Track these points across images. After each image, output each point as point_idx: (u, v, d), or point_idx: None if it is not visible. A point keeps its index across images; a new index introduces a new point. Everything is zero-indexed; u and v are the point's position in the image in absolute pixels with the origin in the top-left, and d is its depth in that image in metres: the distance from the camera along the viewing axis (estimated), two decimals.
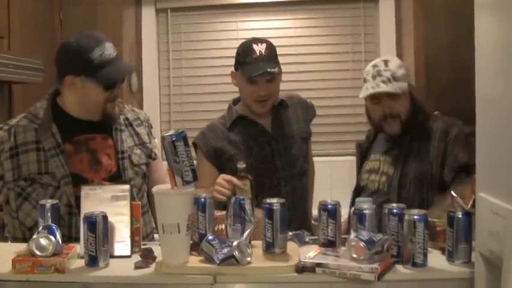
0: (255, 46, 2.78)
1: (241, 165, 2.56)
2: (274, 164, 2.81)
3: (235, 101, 2.95)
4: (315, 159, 3.11)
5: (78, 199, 2.23)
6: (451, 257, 1.89)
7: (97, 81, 2.36)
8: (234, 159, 2.71)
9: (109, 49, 2.38)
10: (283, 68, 2.81)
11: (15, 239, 2.40)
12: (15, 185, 2.36)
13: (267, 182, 2.75)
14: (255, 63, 2.73)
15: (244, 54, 2.78)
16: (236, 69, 2.84)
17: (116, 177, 2.46)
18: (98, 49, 2.34)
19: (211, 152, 2.80)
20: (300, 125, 2.93)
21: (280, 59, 2.75)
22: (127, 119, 2.60)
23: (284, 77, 2.89)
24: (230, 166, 2.70)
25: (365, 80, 2.72)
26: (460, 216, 1.88)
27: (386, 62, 2.71)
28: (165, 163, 2.02)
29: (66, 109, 2.46)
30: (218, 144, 2.81)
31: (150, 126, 2.70)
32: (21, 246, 2.03)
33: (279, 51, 2.80)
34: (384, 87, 2.64)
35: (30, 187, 2.36)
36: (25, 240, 2.18)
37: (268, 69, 2.71)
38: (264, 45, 2.78)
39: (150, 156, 2.61)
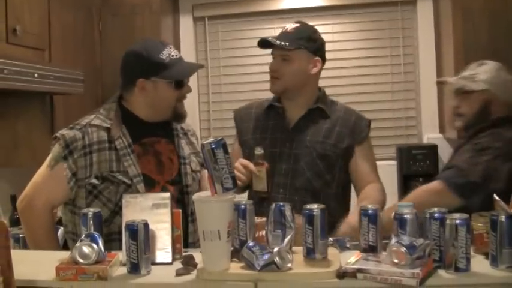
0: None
1: (258, 151, 2.57)
2: (279, 169, 2.71)
3: None
4: None
5: None
6: (495, 261, 1.85)
7: (169, 80, 2.45)
8: (246, 144, 2.80)
9: (175, 50, 2.49)
10: (321, 73, 2.80)
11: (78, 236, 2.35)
12: (86, 183, 2.40)
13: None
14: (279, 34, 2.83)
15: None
16: None
17: (176, 182, 2.54)
18: (166, 50, 2.46)
19: (237, 128, 2.94)
20: (327, 140, 2.72)
21: None
22: (182, 128, 2.67)
23: (322, 82, 2.87)
24: (243, 149, 2.80)
25: None
26: (503, 220, 1.83)
27: (481, 64, 2.66)
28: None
29: (135, 112, 2.53)
30: (244, 124, 2.90)
31: (197, 139, 2.78)
32: (65, 254, 2.06)
33: None
34: (449, 79, 2.64)
35: (102, 185, 2.40)
36: None
37: (273, 39, 2.79)
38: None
39: (203, 164, 2.64)
